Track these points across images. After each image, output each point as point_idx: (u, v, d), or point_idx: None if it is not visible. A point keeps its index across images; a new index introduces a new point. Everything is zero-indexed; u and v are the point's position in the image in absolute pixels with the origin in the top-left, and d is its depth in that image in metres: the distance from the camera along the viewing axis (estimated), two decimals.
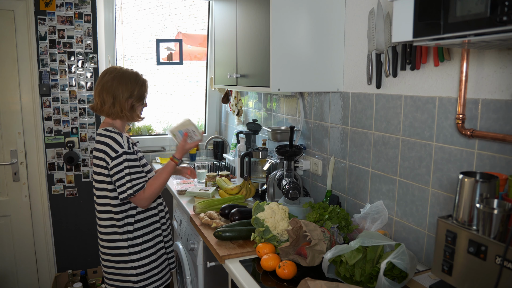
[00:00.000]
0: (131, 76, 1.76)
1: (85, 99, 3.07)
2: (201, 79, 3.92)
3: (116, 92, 1.72)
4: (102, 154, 1.69)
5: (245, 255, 1.59)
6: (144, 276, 1.78)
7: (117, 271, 1.78)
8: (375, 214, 1.65)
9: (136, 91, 1.75)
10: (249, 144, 2.73)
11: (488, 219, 0.96)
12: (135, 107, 1.79)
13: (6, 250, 3.03)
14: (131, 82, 1.75)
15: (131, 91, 1.74)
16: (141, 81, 1.79)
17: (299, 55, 1.80)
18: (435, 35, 0.92)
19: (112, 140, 1.69)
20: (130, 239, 1.75)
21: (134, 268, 1.76)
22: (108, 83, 1.73)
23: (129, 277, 1.77)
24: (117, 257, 1.76)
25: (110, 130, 1.72)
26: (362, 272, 1.28)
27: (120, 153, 1.68)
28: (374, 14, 1.63)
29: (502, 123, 1.18)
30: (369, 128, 1.74)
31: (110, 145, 1.68)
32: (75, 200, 3.15)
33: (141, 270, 1.78)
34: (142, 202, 1.74)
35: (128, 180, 1.69)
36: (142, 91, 1.79)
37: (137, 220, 1.78)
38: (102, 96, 1.73)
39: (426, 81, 1.44)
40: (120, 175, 1.68)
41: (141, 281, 1.78)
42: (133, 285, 1.77)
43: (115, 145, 1.68)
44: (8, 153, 2.95)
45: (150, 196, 1.74)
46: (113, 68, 1.79)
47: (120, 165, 1.68)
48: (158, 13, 4.78)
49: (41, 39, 2.90)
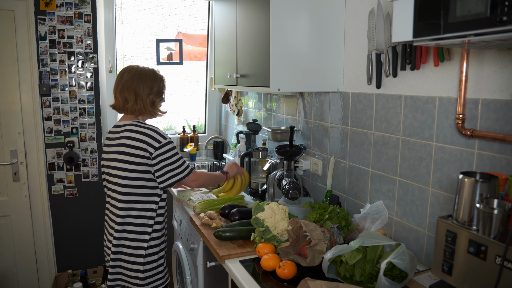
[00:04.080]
0: (149, 73, 1.83)
1: (85, 99, 3.07)
2: (201, 79, 3.92)
3: (137, 89, 1.78)
4: (142, 144, 1.72)
5: (245, 255, 1.59)
6: (151, 272, 1.80)
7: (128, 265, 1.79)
8: (375, 214, 1.65)
9: (155, 87, 1.83)
10: (249, 144, 2.73)
11: (488, 219, 0.96)
12: (156, 103, 1.86)
13: (6, 250, 3.03)
14: (150, 79, 1.82)
15: (151, 87, 1.81)
16: (159, 77, 1.86)
17: (299, 55, 1.80)
18: (435, 35, 0.92)
19: (154, 131, 1.75)
20: (149, 233, 1.79)
21: (142, 264, 1.77)
22: (128, 81, 1.79)
23: (137, 273, 1.78)
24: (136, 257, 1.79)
25: (144, 123, 1.79)
26: (362, 272, 1.28)
27: (168, 141, 1.75)
28: (374, 14, 1.63)
29: (502, 123, 1.18)
30: (369, 128, 1.74)
31: (153, 136, 1.73)
32: (75, 200, 3.15)
33: (148, 267, 1.79)
34: (195, 180, 1.87)
35: (181, 164, 1.79)
36: (161, 87, 1.86)
37: (158, 214, 1.82)
38: (124, 95, 1.79)
39: (426, 81, 1.44)
40: (175, 158, 1.76)
41: (147, 278, 1.79)
42: (139, 281, 1.77)
43: (158, 135, 1.74)
44: (8, 153, 2.95)
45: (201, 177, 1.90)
46: (131, 67, 1.84)
47: (172, 150, 1.76)
48: (158, 13, 4.78)
49: (41, 39, 2.90)
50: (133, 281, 1.78)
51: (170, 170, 1.76)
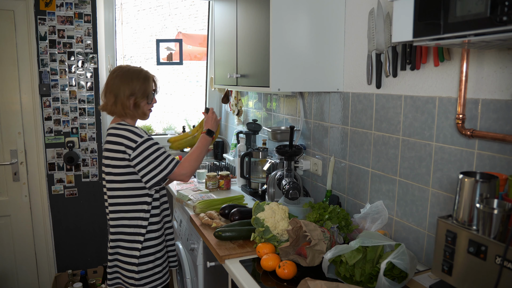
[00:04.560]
0: (134, 73, 1.75)
1: (85, 99, 3.07)
2: (201, 79, 3.93)
3: (117, 90, 1.72)
4: (120, 146, 1.68)
5: (245, 255, 1.59)
6: (147, 273, 1.78)
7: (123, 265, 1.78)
8: (375, 214, 1.65)
9: (137, 88, 1.73)
10: (249, 144, 2.73)
11: (488, 219, 0.96)
12: (140, 104, 1.76)
13: (6, 250, 3.03)
14: (133, 79, 1.73)
15: (133, 88, 1.73)
16: (143, 77, 1.76)
17: (299, 55, 1.80)
18: (435, 35, 0.92)
19: (129, 131, 1.69)
20: (143, 234, 1.75)
21: (136, 265, 1.76)
22: (111, 82, 1.74)
23: (131, 273, 1.77)
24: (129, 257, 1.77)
25: (124, 124, 1.73)
26: (362, 272, 1.28)
27: (144, 139, 1.68)
28: (374, 14, 1.63)
29: (502, 123, 1.18)
30: (369, 128, 1.74)
31: (128, 137, 1.68)
32: (75, 200, 3.15)
33: (144, 267, 1.77)
34: (185, 173, 1.75)
35: (163, 159, 1.70)
36: (145, 87, 1.75)
37: (152, 215, 1.78)
38: (106, 96, 1.75)
39: (426, 81, 1.44)
40: (152, 157, 1.68)
41: (143, 278, 1.78)
42: (134, 282, 1.77)
43: (133, 135, 1.68)
44: (8, 153, 2.95)
45: (190, 166, 1.76)
46: (119, 66, 1.80)
47: (151, 148, 1.68)
48: (158, 13, 4.78)
49: (41, 39, 2.90)
50: (129, 281, 1.78)
51: (153, 168, 1.68)
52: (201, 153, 1.85)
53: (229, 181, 2.57)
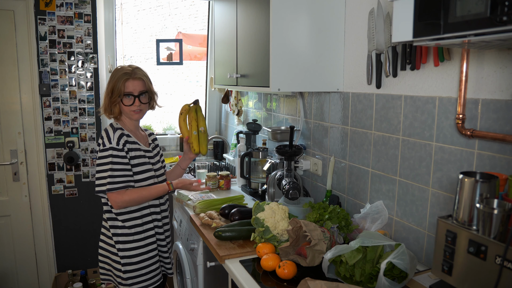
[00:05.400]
0: (112, 72, 1.79)
1: (85, 99, 3.07)
2: (201, 79, 3.92)
3: (105, 89, 1.79)
4: (99, 146, 1.76)
5: (245, 255, 1.59)
6: (132, 274, 1.79)
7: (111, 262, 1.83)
8: (375, 214, 1.65)
9: (111, 86, 1.75)
10: (249, 144, 2.73)
11: (488, 219, 0.96)
12: (117, 103, 1.75)
13: (6, 250, 3.03)
14: (111, 77, 1.78)
15: (111, 87, 1.75)
16: (114, 75, 1.74)
17: (299, 55, 1.80)
18: (435, 35, 0.92)
19: (105, 133, 1.74)
20: (118, 234, 1.78)
21: (122, 265, 1.78)
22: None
23: (119, 272, 1.80)
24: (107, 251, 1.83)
25: (111, 125, 1.78)
26: (362, 272, 1.28)
27: (107, 148, 1.70)
28: (374, 14, 1.63)
29: (502, 123, 1.18)
30: (369, 128, 1.74)
31: (102, 136, 1.74)
32: (75, 200, 3.15)
33: (129, 268, 1.78)
34: (117, 203, 1.68)
35: (109, 175, 1.67)
36: (115, 84, 1.72)
37: (127, 219, 1.78)
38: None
39: (426, 81, 1.44)
40: (101, 168, 1.69)
41: (129, 279, 1.79)
42: (122, 281, 1.79)
43: (105, 139, 1.72)
44: (8, 153, 2.95)
45: (129, 200, 1.70)
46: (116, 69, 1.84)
47: (104, 159, 1.70)
48: (158, 13, 4.78)
49: (41, 39, 2.90)
50: (117, 279, 1.82)
51: (97, 178, 1.71)
52: (149, 197, 1.77)
53: (229, 181, 2.57)
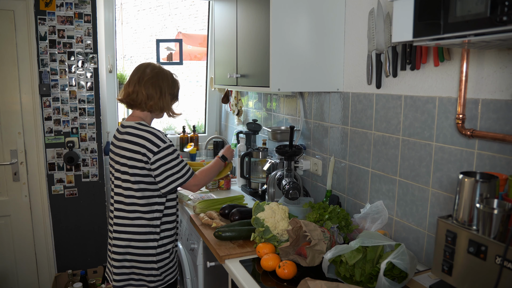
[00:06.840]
0: (169, 74, 1.85)
1: (85, 99, 3.07)
2: (201, 79, 3.92)
3: (162, 86, 1.78)
4: (141, 148, 1.68)
5: (245, 255, 1.59)
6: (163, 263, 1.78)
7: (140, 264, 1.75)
8: (375, 214, 1.65)
9: (175, 89, 1.85)
10: (249, 144, 2.73)
11: (488, 219, 0.96)
12: (172, 104, 1.87)
13: (6, 250, 3.03)
14: (171, 79, 1.83)
15: (172, 88, 1.82)
16: (176, 80, 1.89)
17: (299, 55, 1.80)
18: (435, 35, 0.92)
19: (153, 135, 1.70)
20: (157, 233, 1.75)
21: (155, 262, 1.75)
22: (153, 78, 1.77)
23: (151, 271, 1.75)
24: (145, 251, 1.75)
25: (145, 125, 1.75)
26: (362, 272, 1.28)
27: (167, 145, 1.70)
28: (374, 14, 1.63)
29: (502, 123, 1.18)
30: (369, 128, 1.74)
31: (151, 140, 1.68)
32: (75, 200, 3.15)
33: (162, 264, 1.77)
34: (197, 186, 1.82)
35: (181, 168, 1.74)
36: (177, 90, 1.89)
37: (165, 214, 1.79)
38: (149, 90, 1.76)
39: (426, 81, 1.44)
40: (175, 163, 1.72)
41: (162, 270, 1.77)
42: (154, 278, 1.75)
43: (157, 139, 1.69)
44: (8, 153, 2.95)
45: (203, 178, 1.85)
46: (152, 63, 1.83)
47: (171, 155, 1.71)
48: (158, 13, 4.78)
49: (41, 39, 2.90)
50: (148, 278, 1.75)
51: (171, 174, 1.71)
52: (213, 172, 1.94)
53: (229, 181, 2.57)
